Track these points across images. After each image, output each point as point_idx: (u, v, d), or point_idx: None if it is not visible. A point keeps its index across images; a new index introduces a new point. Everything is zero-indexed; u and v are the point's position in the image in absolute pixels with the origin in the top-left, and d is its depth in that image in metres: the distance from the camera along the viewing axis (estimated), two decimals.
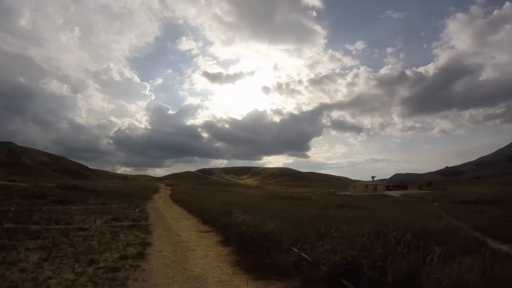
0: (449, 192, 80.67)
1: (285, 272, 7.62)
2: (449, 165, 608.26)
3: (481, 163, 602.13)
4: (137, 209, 23.76)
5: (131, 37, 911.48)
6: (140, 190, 50.02)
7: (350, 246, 7.68)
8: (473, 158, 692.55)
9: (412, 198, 60.05)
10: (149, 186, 70.11)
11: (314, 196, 53.21)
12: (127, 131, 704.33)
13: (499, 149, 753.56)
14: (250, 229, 11.63)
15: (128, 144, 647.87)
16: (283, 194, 53.59)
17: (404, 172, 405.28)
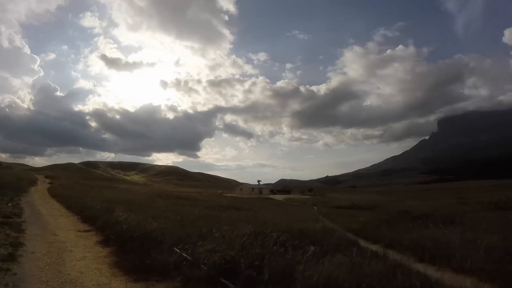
0: (328, 198, 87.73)
1: (165, 273, 7.49)
2: (330, 175, 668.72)
3: (358, 175, 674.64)
4: (9, 204, 21.25)
5: (31, 0, 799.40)
6: (15, 181, 44.41)
7: (230, 246, 7.89)
8: (351, 170, 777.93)
9: (294, 202, 63.39)
10: (26, 177, 62.19)
11: (201, 197, 53.06)
12: (7, 109, 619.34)
13: (374, 164, 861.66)
14: (132, 228, 11.16)
15: (6, 125, 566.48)
16: (170, 193, 52.46)
17: (289, 178, 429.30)
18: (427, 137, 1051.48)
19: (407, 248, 11.04)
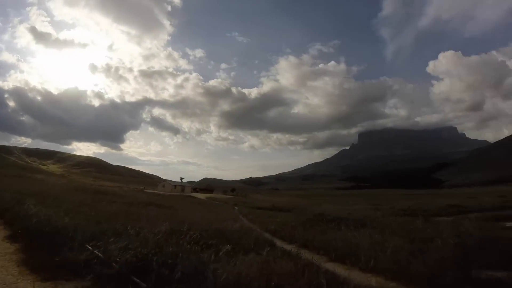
0: (250, 199, 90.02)
1: (76, 271, 6.94)
2: (253, 176, 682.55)
3: (280, 178, 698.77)
4: None
5: None
6: None
7: (143, 243, 7.74)
8: (274, 172, 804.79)
9: (216, 202, 64.00)
10: None
11: (121, 192, 51.33)
12: None
13: (296, 169, 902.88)
14: (42, 223, 10.27)
15: None
16: (89, 187, 50.28)
17: (213, 178, 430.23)
18: (347, 148, 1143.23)
19: (320, 249, 11.46)
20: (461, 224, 14.97)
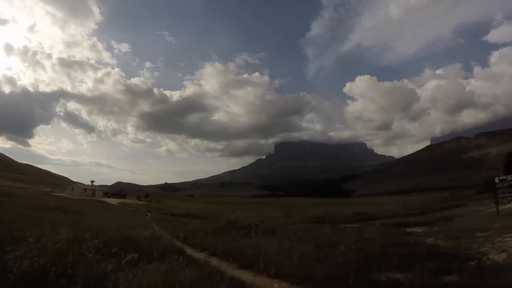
0: (164, 205, 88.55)
1: None
2: (169, 182, 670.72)
3: (196, 184, 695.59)
4: None
5: None
6: None
7: (42, 252, 7.19)
8: (190, 179, 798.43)
9: (128, 207, 62.01)
10: None
11: (25, 194, 47.24)
12: None
13: (213, 176, 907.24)
14: None
15: None
16: None
17: (126, 182, 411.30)
18: (264, 157, 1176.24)
19: (230, 256, 11.43)
20: (365, 230, 16.02)
